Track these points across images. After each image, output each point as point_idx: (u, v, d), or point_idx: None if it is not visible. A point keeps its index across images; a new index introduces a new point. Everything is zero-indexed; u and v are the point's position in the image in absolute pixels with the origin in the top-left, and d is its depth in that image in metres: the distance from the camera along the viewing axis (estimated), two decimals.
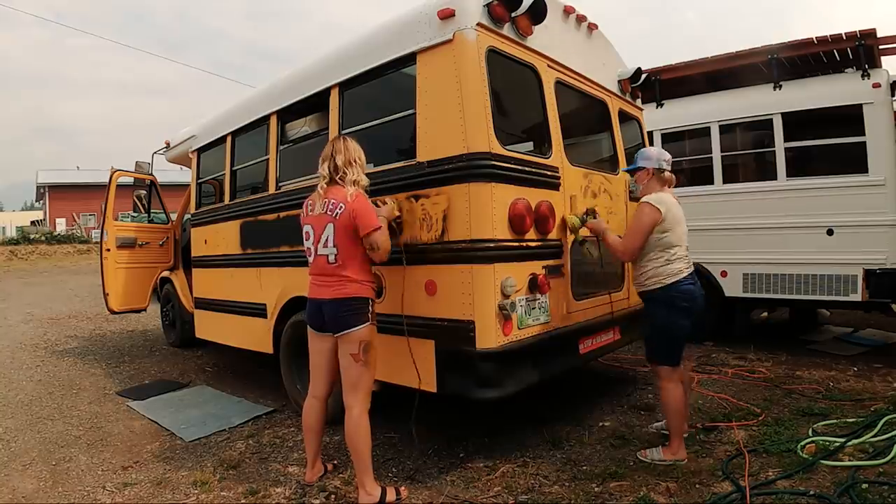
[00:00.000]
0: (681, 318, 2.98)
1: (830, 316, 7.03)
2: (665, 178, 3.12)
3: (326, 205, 2.69)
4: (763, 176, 5.55)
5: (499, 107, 2.93)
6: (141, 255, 6.46)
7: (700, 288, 3.08)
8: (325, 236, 2.70)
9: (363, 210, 2.64)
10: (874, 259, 4.82)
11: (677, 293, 2.96)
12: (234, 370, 5.50)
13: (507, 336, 2.83)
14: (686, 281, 2.99)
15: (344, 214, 2.64)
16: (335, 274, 2.70)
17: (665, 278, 2.97)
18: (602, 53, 3.98)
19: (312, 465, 2.98)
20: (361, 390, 2.71)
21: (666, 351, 3.06)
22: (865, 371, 4.74)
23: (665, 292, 2.98)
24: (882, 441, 3.10)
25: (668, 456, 3.00)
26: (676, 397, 3.03)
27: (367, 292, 2.74)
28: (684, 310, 2.97)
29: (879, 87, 4.86)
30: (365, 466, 2.68)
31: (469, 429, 3.58)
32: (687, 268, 3.03)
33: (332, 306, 2.70)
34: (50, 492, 2.98)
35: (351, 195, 2.65)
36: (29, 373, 5.57)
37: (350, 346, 2.68)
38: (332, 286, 2.70)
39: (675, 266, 2.98)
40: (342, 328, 2.68)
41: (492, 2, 2.85)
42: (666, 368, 3.06)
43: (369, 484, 2.68)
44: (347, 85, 3.48)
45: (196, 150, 5.42)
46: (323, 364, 2.85)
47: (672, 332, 3.02)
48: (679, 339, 3.05)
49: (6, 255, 23.18)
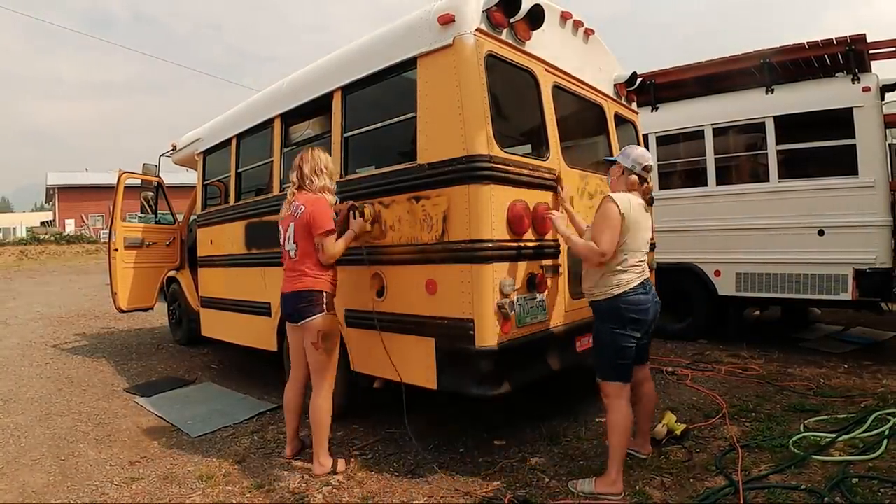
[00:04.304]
0: (628, 331, 2.72)
1: (821, 314, 7.11)
2: (631, 180, 2.87)
3: (291, 207, 3.05)
4: (756, 178, 5.66)
5: (498, 110, 3.00)
6: (148, 255, 6.54)
7: (654, 297, 2.86)
8: (289, 234, 3.05)
9: (318, 213, 2.93)
10: (864, 259, 4.92)
11: (625, 304, 2.71)
12: (238, 367, 5.57)
13: (505, 334, 2.88)
14: (635, 291, 2.73)
15: (303, 215, 2.96)
16: (295, 269, 3.03)
17: (612, 288, 2.73)
18: (598, 58, 4.04)
19: (291, 441, 3.30)
20: (323, 374, 3.03)
21: (614, 366, 2.76)
22: (855, 368, 4.81)
23: (611, 303, 2.74)
24: (872, 437, 3.16)
25: (602, 488, 2.68)
26: (624, 415, 2.74)
27: (322, 285, 3.00)
28: (632, 321, 2.72)
29: (869, 90, 4.95)
30: (320, 441, 3.03)
31: (468, 425, 3.63)
32: (639, 277, 2.77)
33: (291, 298, 3.03)
34: (59, 486, 3.03)
35: (312, 200, 2.98)
36: (39, 370, 5.65)
37: (309, 335, 2.97)
38: (292, 280, 3.03)
39: (625, 276, 2.73)
40: (300, 318, 2.98)
41: (491, 7, 2.91)
42: (614, 385, 2.76)
43: (323, 456, 3.05)
44: (350, 89, 3.55)
45: (202, 153, 5.49)
46: (297, 352, 3.17)
47: (618, 347, 2.72)
48: (627, 353, 2.73)
49: (17, 255, 23.41)
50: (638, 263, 2.79)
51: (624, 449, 2.76)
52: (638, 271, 2.78)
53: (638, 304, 2.73)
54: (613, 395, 2.76)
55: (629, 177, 2.88)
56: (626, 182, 2.89)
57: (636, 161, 2.89)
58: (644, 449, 3.10)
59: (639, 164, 2.88)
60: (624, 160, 2.92)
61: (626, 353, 2.73)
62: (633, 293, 2.73)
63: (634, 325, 2.73)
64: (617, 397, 2.76)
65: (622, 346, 2.72)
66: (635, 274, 2.77)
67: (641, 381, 3.03)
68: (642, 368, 3.04)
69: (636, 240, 2.77)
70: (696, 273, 5.82)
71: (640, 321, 2.74)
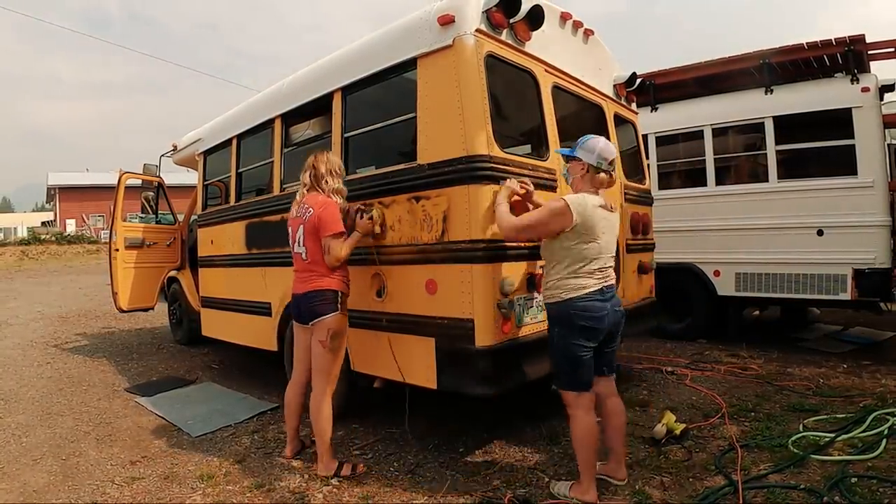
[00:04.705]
0: (579, 339, 2.51)
1: (820, 314, 7.13)
2: (599, 178, 2.60)
3: (301, 208, 3.03)
4: (755, 178, 5.68)
5: (497, 110, 3.01)
6: (149, 255, 6.55)
7: (615, 305, 2.62)
8: (298, 237, 3.03)
9: (327, 216, 2.92)
10: (863, 259, 4.93)
11: (575, 310, 2.51)
12: (239, 367, 5.58)
13: (505, 334, 2.89)
14: (591, 297, 2.52)
15: (312, 218, 2.94)
16: (307, 270, 3.01)
17: (564, 292, 2.54)
18: (598, 58, 4.06)
19: (291, 441, 3.30)
20: (327, 375, 3.01)
21: (567, 374, 2.59)
22: (855, 368, 4.82)
23: (562, 308, 2.55)
24: (871, 436, 3.17)
25: (575, 494, 2.59)
26: (585, 427, 2.56)
27: (336, 285, 3.00)
28: (583, 329, 2.51)
29: (868, 91, 4.97)
30: (324, 442, 3.00)
31: (468, 425, 3.64)
32: (597, 283, 2.55)
33: (303, 298, 3.00)
34: (60, 486, 3.03)
35: (321, 202, 2.96)
36: (40, 370, 5.66)
37: (319, 334, 2.96)
38: (305, 281, 3.01)
39: (580, 280, 2.53)
40: (312, 317, 2.97)
41: (491, 8, 2.92)
42: (569, 394, 2.59)
43: (327, 458, 3.01)
44: (350, 89, 3.55)
45: (202, 153, 5.51)
46: (303, 354, 3.16)
47: (570, 354, 2.54)
48: (580, 361, 2.54)
49: (18, 255, 23.46)
50: (599, 270, 2.57)
51: (591, 459, 2.59)
52: (599, 277, 2.57)
53: (590, 310, 2.51)
54: (571, 405, 2.60)
55: (596, 176, 2.60)
56: (591, 182, 2.61)
57: (601, 156, 2.57)
58: (617, 474, 2.78)
59: (605, 159, 2.58)
60: (587, 156, 2.58)
61: (579, 362, 2.54)
62: (587, 299, 2.52)
63: (585, 333, 2.52)
64: (575, 407, 2.59)
65: (574, 353, 2.53)
66: (595, 280, 2.55)
67: (607, 396, 2.78)
68: (608, 382, 2.78)
69: (598, 246, 2.55)
70: (696, 273, 5.84)
71: (592, 329, 2.53)
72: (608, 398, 2.79)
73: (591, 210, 2.52)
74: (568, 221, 2.49)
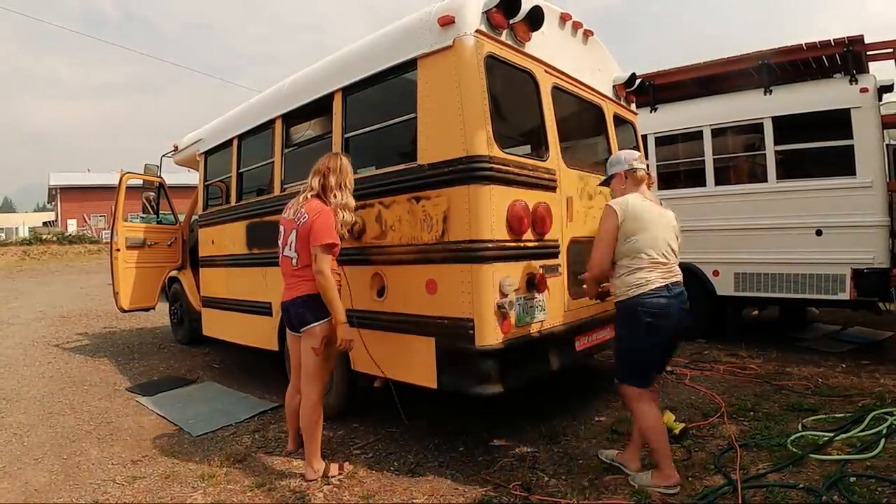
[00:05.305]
0: (644, 335, 2.58)
1: (819, 314, 7.14)
2: (639, 176, 2.82)
3: (297, 212, 2.97)
4: (754, 178, 5.70)
5: (497, 111, 3.02)
6: (150, 255, 6.57)
7: (681, 303, 2.67)
8: (290, 240, 2.98)
9: (319, 226, 2.85)
10: (862, 259, 4.94)
11: (641, 306, 2.57)
12: (240, 367, 5.59)
13: (505, 334, 2.89)
14: (656, 294, 2.58)
15: (305, 224, 2.89)
16: (296, 276, 2.97)
17: (629, 289, 2.62)
18: (597, 59, 4.07)
19: (293, 439, 3.35)
20: (313, 379, 2.98)
21: (630, 371, 2.69)
22: (853, 368, 4.83)
23: (627, 304, 2.63)
24: (869, 436, 3.17)
25: (659, 481, 2.66)
26: (653, 418, 2.66)
27: None
28: (648, 325, 2.56)
29: (867, 91, 4.97)
30: (313, 446, 3.00)
31: (468, 424, 3.65)
32: (661, 278, 2.61)
33: (292, 305, 2.98)
34: (61, 485, 3.04)
35: (317, 209, 2.89)
36: (41, 369, 5.68)
37: (311, 341, 2.93)
38: (293, 287, 2.98)
39: (641, 275, 2.61)
40: (302, 325, 2.95)
41: (491, 9, 2.93)
42: (630, 389, 2.69)
43: (315, 461, 3.01)
44: (350, 90, 3.57)
45: (203, 153, 5.52)
46: (297, 361, 3.12)
47: (634, 349, 2.64)
48: (642, 358, 2.63)
49: (19, 255, 23.50)
50: (659, 262, 2.64)
51: (665, 447, 2.68)
52: (661, 271, 2.63)
53: (656, 306, 2.57)
54: (631, 399, 2.71)
55: (636, 174, 2.83)
56: (633, 184, 2.83)
57: (629, 161, 2.85)
58: (632, 464, 2.89)
59: (633, 159, 2.85)
60: (619, 167, 2.87)
61: (643, 358, 2.64)
62: (652, 296, 2.58)
63: (652, 330, 2.57)
64: (635, 401, 2.69)
65: (638, 349, 2.63)
66: (657, 273, 2.62)
67: None
68: None
69: (650, 238, 2.64)
70: (695, 273, 5.83)
71: (659, 326, 2.58)
72: None
73: (633, 203, 2.68)
74: (615, 218, 2.65)
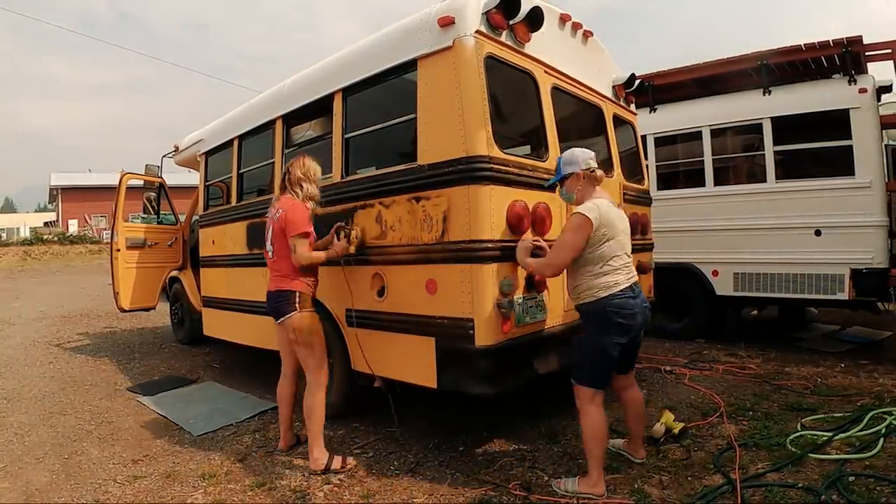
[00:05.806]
0: (613, 336, 2.63)
1: (818, 314, 7.16)
2: (597, 176, 2.79)
3: (273, 209, 3.17)
4: (753, 178, 5.71)
5: (497, 111, 3.02)
6: (150, 256, 6.59)
7: (643, 302, 2.73)
8: (269, 236, 3.19)
9: (293, 217, 3.04)
10: (861, 259, 4.96)
11: (611, 307, 2.63)
12: (240, 367, 5.60)
13: (505, 333, 2.90)
14: (624, 294, 2.65)
15: (280, 217, 3.07)
16: (273, 269, 3.18)
17: (599, 290, 2.65)
18: (597, 60, 4.08)
19: (284, 434, 3.41)
20: (310, 370, 3.13)
21: (591, 371, 2.69)
22: (852, 367, 4.85)
23: (595, 306, 2.66)
24: (868, 435, 3.19)
25: (585, 489, 2.66)
26: (597, 422, 2.66)
27: (296, 286, 3.11)
28: (619, 326, 2.62)
29: (866, 92, 5.00)
30: (315, 434, 3.08)
31: (468, 424, 3.66)
32: (626, 279, 2.68)
33: (270, 297, 3.18)
34: (62, 484, 3.05)
35: (289, 204, 3.08)
36: (42, 369, 5.69)
37: (287, 332, 3.12)
38: (273, 280, 3.17)
39: (610, 277, 2.65)
40: (278, 316, 3.12)
41: (490, 10, 2.94)
42: (586, 390, 2.68)
43: (318, 451, 3.07)
44: (350, 90, 3.57)
45: (204, 154, 5.53)
46: (283, 347, 3.31)
47: (601, 350, 2.64)
48: (608, 358, 2.65)
49: (20, 255, 23.52)
50: (624, 266, 2.70)
51: (600, 453, 2.68)
52: (626, 273, 2.70)
53: (625, 307, 2.64)
54: (584, 400, 2.69)
55: (592, 176, 2.78)
56: (591, 183, 2.79)
57: (586, 160, 2.78)
58: (638, 453, 3.03)
59: (589, 158, 2.79)
60: (574, 167, 2.79)
61: (607, 359, 2.66)
62: (620, 296, 2.64)
63: (620, 330, 2.63)
64: (588, 402, 2.68)
65: (604, 351, 2.63)
66: (623, 276, 2.68)
67: (627, 387, 3.00)
68: (628, 377, 2.98)
69: (618, 243, 2.69)
70: (694, 273, 5.86)
71: (627, 326, 2.64)
72: (628, 389, 3.01)
73: (605, 210, 2.68)
74: (589, 228, 2.63)
